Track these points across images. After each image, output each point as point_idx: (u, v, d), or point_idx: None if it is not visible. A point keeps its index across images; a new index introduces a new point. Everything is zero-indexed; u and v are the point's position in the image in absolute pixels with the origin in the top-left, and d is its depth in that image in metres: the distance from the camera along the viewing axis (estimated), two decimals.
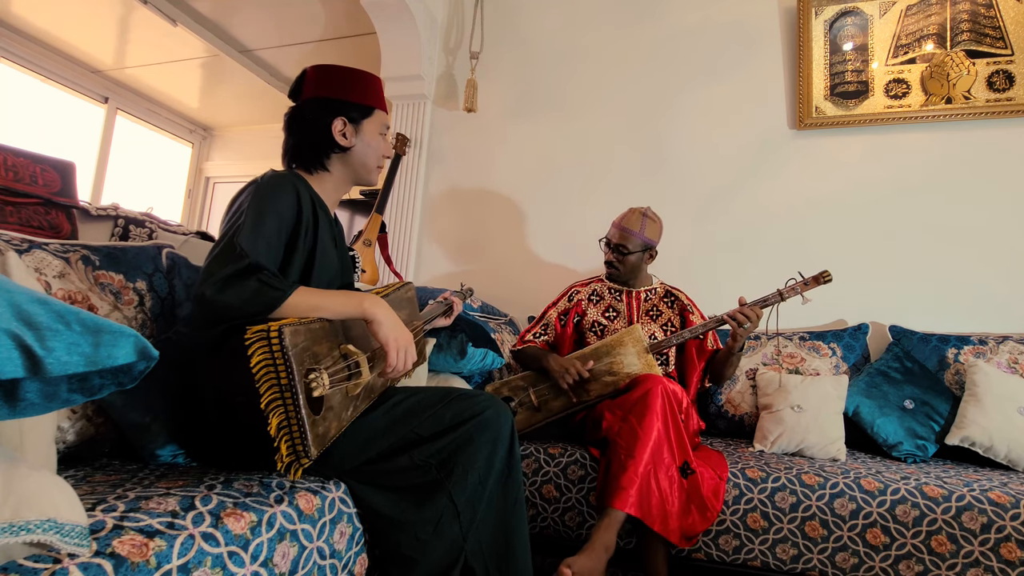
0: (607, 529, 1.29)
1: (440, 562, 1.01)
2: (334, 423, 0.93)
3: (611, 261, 1.87)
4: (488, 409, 1.13)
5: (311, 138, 1.20)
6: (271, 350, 0.83)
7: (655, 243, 1.87)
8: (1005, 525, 1.24)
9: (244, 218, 1.00)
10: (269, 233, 1.01)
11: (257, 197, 1.04)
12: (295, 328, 0.86)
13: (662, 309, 1.88)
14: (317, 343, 0.92)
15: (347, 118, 1.20)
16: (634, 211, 1.88)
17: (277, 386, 0.83)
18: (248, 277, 0.93)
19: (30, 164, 1.43)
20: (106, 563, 0.61)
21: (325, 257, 1.15)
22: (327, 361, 0.93)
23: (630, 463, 1.35)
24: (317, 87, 1.21)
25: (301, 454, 0.85)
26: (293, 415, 0.84)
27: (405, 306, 1.30)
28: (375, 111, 1.24)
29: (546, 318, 1.95)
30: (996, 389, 1.68)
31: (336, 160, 1.22)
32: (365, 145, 1.23)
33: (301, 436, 0.84)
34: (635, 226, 1.84)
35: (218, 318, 0.92)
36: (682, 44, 2.55)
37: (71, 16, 3.48)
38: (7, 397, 0.54)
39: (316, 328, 0.93)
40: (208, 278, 0.93)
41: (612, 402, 1.55)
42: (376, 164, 1.27)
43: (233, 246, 0.95)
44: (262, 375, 0.83)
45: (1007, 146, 2.10)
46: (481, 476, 1.08)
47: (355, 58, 3.79)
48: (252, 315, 0.91)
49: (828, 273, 1.62)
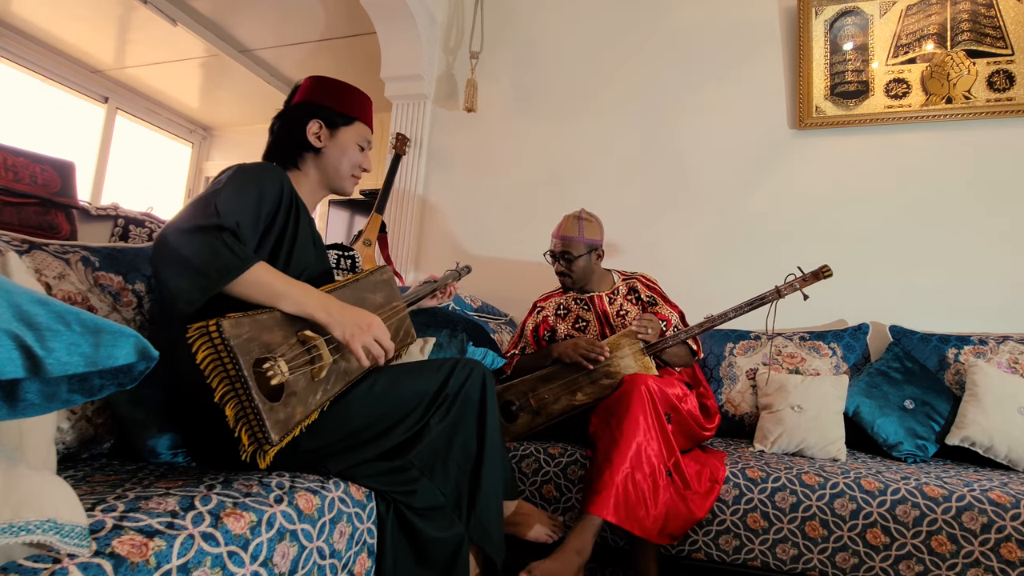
0: (581, 533, 1.29)
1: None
2: (299, 408, 0.93)
3: (561, 271, 1.85)
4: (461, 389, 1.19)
5: (287, 136, 1.23)
6: (213, 343, 0.83)
7: (599, 242, 1.86)
8: (1005, 525, 1.23)
9: (224, 185, 0.99)
10: (248, 206, 1.00)
11: (242, 172, 1.04)
12: (236, 320, 0.86)
13: (629, 308, 1.85)
14: (266, 332, 0.91)
15: (324, 121, 1.23)
16: (568, 217, 1.86)
17: (227, 377, 0.84)
18: (213, 235, 0.91)
19: (30, 164, 1.43)
20: (106, 563, 0.61)
21: (303, 251, 1.14)
22: (283, 348, 0.92)
23: (607, 468, 1.35)
24: (306, 94, 1.25)
25: (262, 440, 0.86)
26: (247, 404, 0.84)
27: (381, 288, 1.28)
28: (356, 122, 1.27)
29: (524, 334, 1.95)
30: (996, 389, 1.68)
31: (310, 161, 1.24)
32: (339, 151, 1.24)
33: (259, 423, 0.85)
34: (573, 231, 1.82)
35: (171, 266, 0.89)
36: (682, 44, 2.55)
37: (71, 16, 3.48)
38: (7, 397, 0.54)
39: (263, 318, 0.92)
40: (173, 224, 0.92)
41: (599, 405, 1.56)
42: (349, 173, 1.27)
43: (208, 204, 0.94)
44: (210, 369, 0.83)
45: (1007, 146, 2.10)
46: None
47: (355, 58, 3.80)
48: (205, 276, 0.89)
49: (828, 268, 1.62)
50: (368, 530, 1.04)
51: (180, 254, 0.89)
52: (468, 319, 1.81)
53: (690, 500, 1.40)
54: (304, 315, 0.98)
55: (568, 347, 1.69)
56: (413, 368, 1.19)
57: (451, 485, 1.15)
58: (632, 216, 2.47)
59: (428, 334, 1.64)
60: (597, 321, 1.86)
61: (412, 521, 1.07)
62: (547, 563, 1.23)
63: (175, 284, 0.89)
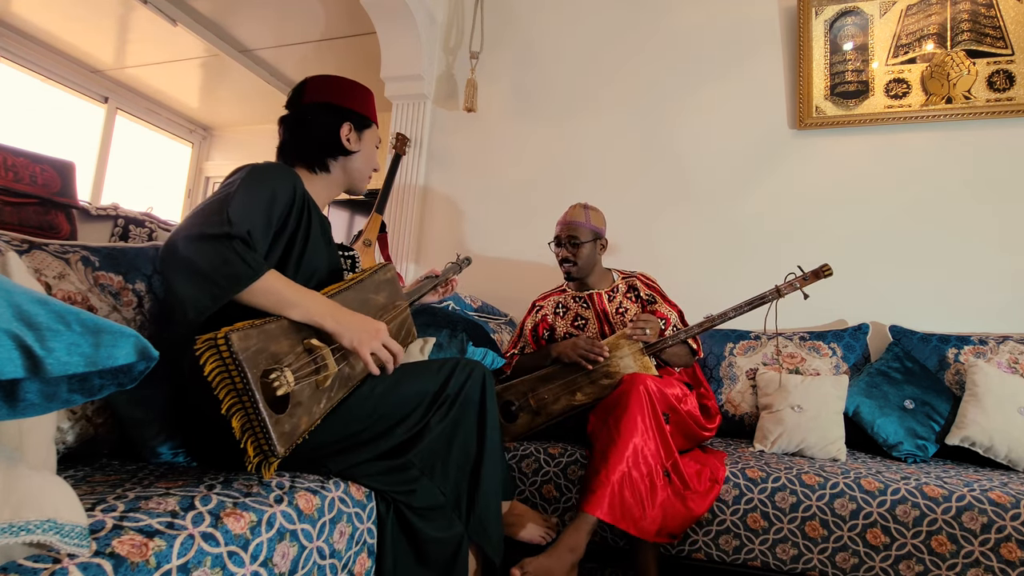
0: (575, 531, 1.30)
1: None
2: (304, 418, 0.93)
3: (566, 257, 1.85)
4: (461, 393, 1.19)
5: (319, 138, 1.22)
6: (221, 356, 0.82)
7: (603, 231, 1.88)
8: (1005, 525, 1.23)
9: (237, 188, 0.98)
10: (259, 211, 1.00)
11: (255, 174, 1.03)
12: (244, 332, 0.85)
13: (628, 305, 1.86)
14: (274, 342, 0.90)
15: (352, 124, 1.24)
16: (574, 205, 1.89)
17: (234, 390, 0.83)
18: (224, 244, 0.90)
19: (29, 164, 1.43)
20: (106, 563, 0.61)
21: (314, 252, 1.14)
22: (289, 358, 0.92)
23: (603, 467, 1.36)
24: (320, 93, 1.24)
25: (268, 453, 0.85)
26: (254, 416, 0.84)
27: (384, 288, 1.27)
28: (372, 124, 1.30)
29: (523, 334, 1.95)
30: (996, 389, 1.68)
31: (339, 164, 1.25)
32: (365, 154, 1.28)
33: (265, 436, 0.84)
34: (580, 217, 1.85)
35: (181, 274, 0.88)
36: (682, 44, 2.55)
37: (71, 16, 3.48)
38: (7, 397, 0.54)
39: (271, 328, 0.91)
40: (184, 230, 0.90)
41: (598, 404, 1.56)
42: (368, 174, 1.31)
43: (221, 210, 0.93)
44: (218, 381, 0.82)
45: (1007, 146, 2.10)
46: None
47: (355, 58, 3.80)
48: (216, 285, 0.88)
49: (828, 267, 1.62)
50: (368, 530, 1.04)
51: (191, 262, 0.88)
52: (468, 319, 1.81)
53: (689, 499, 1.40)
54: (312, 323, 0.98)
55: (567, 347, 1.69)
56: (413, 369, 1.19)
57: (451, 485, 1.16)
58: (632, 215, 2.47)
59: (428, 334, 1.64)
60: (596, 319, 1.86)
61: (412, 521, 1.07)
62: (540, 559, 1.24)
63: (185, 292, 0.88)
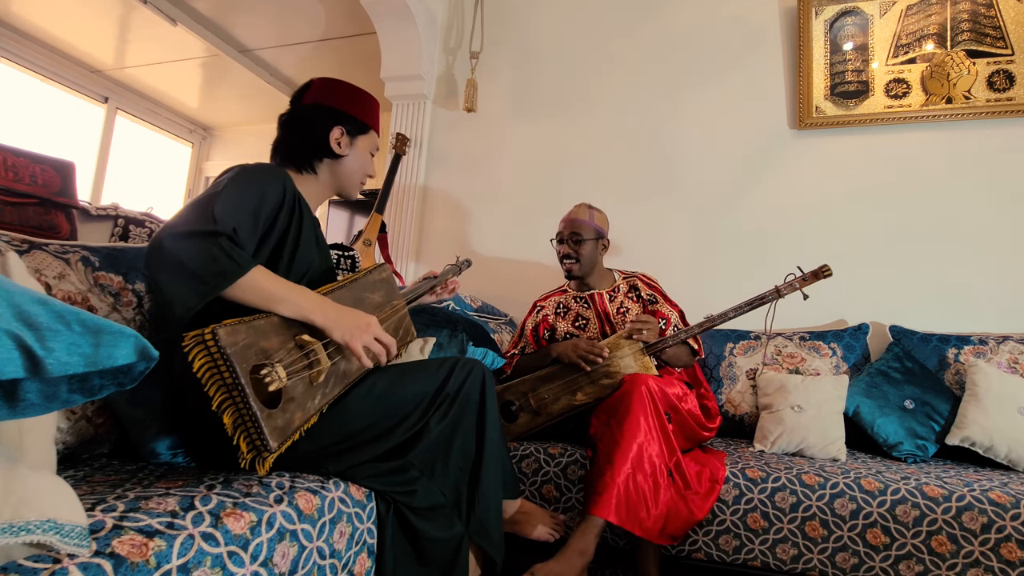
0: (584, 534, 1.29)
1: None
2: (298, 413, 0.93)
3: (567, 254, 1.85)
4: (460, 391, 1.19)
5: (307, 140, 1.22)
6: (208, 351, 0.82)
7: (605, 232, 1.90)
8: (1005, 525, 1.23)
9: (224, 188, 0.99)
10: (246, 211, 1.00)
11: (243, 174, 1.04)
12: (232, 327, 0.85)
13: (629, 305, 1.86)
14: (264, 338, 0.90)
15: (345, 128, 1.23)
16: (579, 205, 1.91)
17: (224, 386, 0.83)
18: (210, 241, 0.90)
19: (29, 164, 1.43)
20: (106, 563, 0.61)
21: (306, 252, 1.13)
22: (280, 354, 0.92)
23: (608, 469, 1.35)
24: (321, 95, 1.25)
25: (261, 448, 0.85)
26: (245, 412, 0.84)
27: (380, 287, 1.27)
28: (370, 131, 1.29)
29: (524, 334, 1.95)
30: (996, 389, 1.68)
31: (326, 166, 1.24)
32: (356, 159, 1.27)
33: (257, 431, 0.84)
34: (584, 215, 1.87)
35: (167, 272, 0.88)
36: (682, 44, 2.55)
37: (71, 16, 3.49)
38: (7, 397, 0.54)
39: (260, 324, 0.91)
40: (170, 228, 0.91)
41: (600, 406, 1.56)
42: (360, 180, 1.30)
43: (206, 209, 0.94)
44: (207, 377, 0.82)
45: (1007, 146, 2.10)
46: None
47: (355, 58, 3.80)
48: (202, 282, 0.88)
49: (828, 267, 1.62)
50: (368, 530, 1.04)
51: (176, 259, 0.88)
52: (468, 319, 1.81)
53: (690, 500, 1.40)
54: (302, 318, 0.97)
55: (567, 348, 1.69)
56: (413, 368, 1.19)
57: (451, 485, 1.15)
58: (632, 215, 2.47)
59: (428, 334, 1.64)
60: (597, 319, 1.86)
61: (412, 521, 1.07)
62: (550, 564, 1.23)
63: (171, 290, 0.88)
